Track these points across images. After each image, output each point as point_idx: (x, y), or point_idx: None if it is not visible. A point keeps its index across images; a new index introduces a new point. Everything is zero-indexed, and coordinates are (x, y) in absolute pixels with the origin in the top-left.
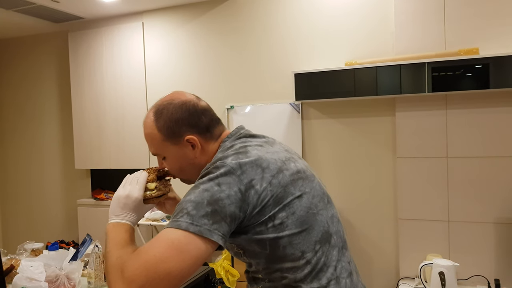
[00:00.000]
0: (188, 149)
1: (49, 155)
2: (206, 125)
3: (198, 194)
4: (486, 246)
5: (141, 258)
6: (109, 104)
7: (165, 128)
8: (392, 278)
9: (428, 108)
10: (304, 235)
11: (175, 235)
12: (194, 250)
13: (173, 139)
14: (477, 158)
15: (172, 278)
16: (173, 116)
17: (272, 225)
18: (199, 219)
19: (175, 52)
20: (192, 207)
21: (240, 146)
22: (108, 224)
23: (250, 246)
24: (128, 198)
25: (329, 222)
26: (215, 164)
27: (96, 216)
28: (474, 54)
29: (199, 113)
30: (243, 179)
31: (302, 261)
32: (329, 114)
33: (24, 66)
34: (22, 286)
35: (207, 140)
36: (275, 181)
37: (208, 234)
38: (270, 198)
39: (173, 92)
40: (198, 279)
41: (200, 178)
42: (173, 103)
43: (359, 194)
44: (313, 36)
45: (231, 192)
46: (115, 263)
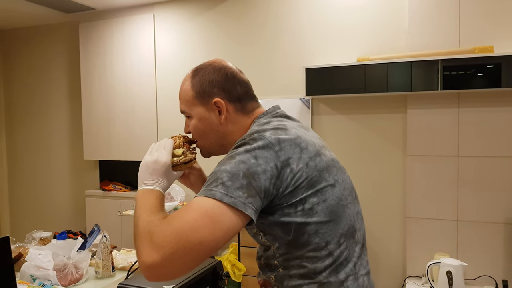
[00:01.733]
0: (214, 113)
1: (58, 146)
2: (239, 95)
3: (234, 165)
4: (494, 246)
5: (173, 225)
6: (119, 96)
7: (198, 86)
8: (399, 276)
9: (440, 106)
10: (331, 226)
11: (208, 204)
12: (227, 222)
13: (203, 99)
14: (488, 158)
15: (203, 247)
16: (208, 76)
17: (301, 208)
18: (234, 191)
19: (186, 45)
20: (227, 178)
21: (279, 123)
22: (138, 191)
23: (272, 230)
24: (157, 163)
25: (355, 218)
26: (252, 136)
27: (104, 208)
28: (488, 52)
29: (235, 81)
30: (281, 156)
31: (324, 252)
32: (339, 110)
33: (34, 56)
34: (30, 274)
35: (237, 111)
36: (312, 164)
37: (242, 207)
38: (304, 180)
39: (217, 58)
40: (205, 271)
41: (235, 148)
42: (213, 65)
43: (367, 191)
44: (326, 31)
45: (267, 167)
46: (144, 228)
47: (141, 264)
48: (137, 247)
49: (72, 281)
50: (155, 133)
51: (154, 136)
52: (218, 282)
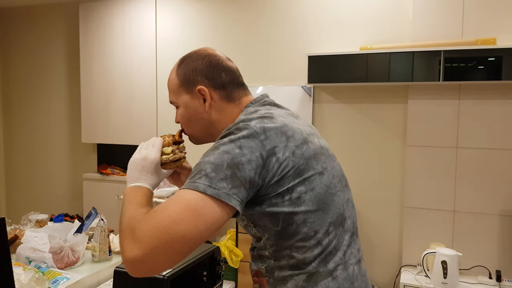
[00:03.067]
0: (199, 101)
1: (56, 128)
2: (224, 83)
3: (218, 156)
4: (489, 237)
5: (155, 219)
6: (118, 79)
7: (182, 74)
8: (395, 265)
9: (441, 97)
10: (319, 214)
11: (191, 196)
12: (211, 214)
13: (187, 87)
14: (487, 150)
15: (186, 241)
16: (192, 64)
17: (289, 198)
18: (218, 182)
19: (187, 29)
20: (211, 169)
21: (266, 112)
22: (126, 188)
23: (261, 221)
24: (146, 160)
25: (344, 206)
26: (237, 125)
27: (101, 191)
28: (491, 44)
29: (220, 68)
30: (266, 145)
31: (313, 241)
32: (341, 99)
33: (32, 36)
34: (26, 256)
35: (222, 99)
36: (298, 152)
37: (227, 199)
38: (291, 168)
39: (204, 46)
40: (203, 257)
41: (220, 138)
42: (198, 53)
43: (366, 180)
44: (329, 19)
45: (252, 157)
46: (126, 224)
47: (124, 260)
48: (120, 243)
49: (69, 264)
50: (155, 118)
51: (154, 121)
52: (215, 267)
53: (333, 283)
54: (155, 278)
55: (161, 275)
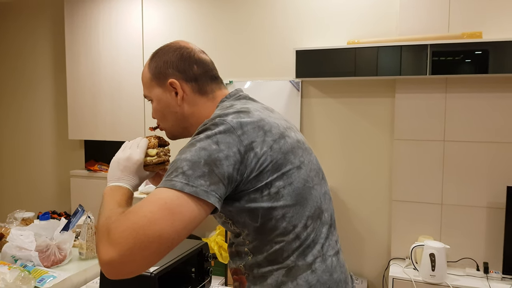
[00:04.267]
0: (171, 94)
1: (42, 125)
2: (196, 76)
3: (194, 153)
4: (477, 229)
5: (130, 219)
6: (105, 74)
7: (154, 67)
8: (383, 258)
9: (428, 91)
10: (298, 209)
11: (167, 195)
12: (188, 212)
13: (159, 80)
14: (473, 143)
15: (163, 241)
16: (164, 57)
17: (267, 193)
18: (195, 180)
19: (174, 24)
20: (188, 167)
21: (242, 106)
22: (106, 187)
23: (240, 217)
24: (129, 160)
25: (322, 199)
26: (214, 120)
27: (89, 188)
28: (477, 38)
29: (192, 61)
30: (244, 140)
31: (292, 235)
32: (329, 93)
33: (17, 32)
34: (11, 255)
35: (194, 92)
36: (276, 146)
37: (205, 196)
38: (269, 163)
39: (178, 40)
40: (191, 253)
41: (196, 134)
42: (170, 45)
43: (354, 174)
44: (317, 14)
45: (230, 152)
46: (102, 224)
47: (100, 262)
48: (96, 244)
49: (55, 262)
50: (142, 113)
51: (141, 116)
52: (204, 263)
53: (312, 276)
54: (142, 276)
55: (149, 272)
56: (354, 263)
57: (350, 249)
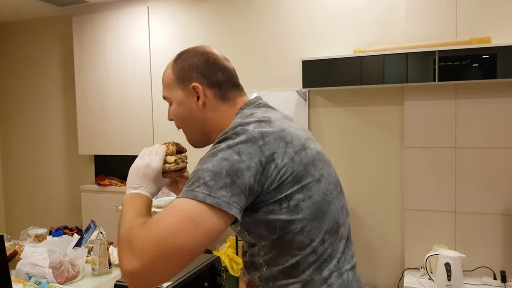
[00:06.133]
0: (193, 99)
1: (53, 141)
2: (219, 82)
3: (216, 163)
4: (492, 237)
5: (152, 231)
6: (113, 90)
7: (178, 70)
8: (397, 268)
9: (438, 97)
10: (316, 223)
11: (189, 206)
12: (209, 224)
13: (182, 83)
14: (486, 149)
15: (185, 253)
16: (189, 60)
17: (286, 205)
18: (217, 191)
19: (181, 37)
20: (209, 177)
21: (263, 115)
22: (125, 195)
23: (257, 229)
24: (148, 168)
25: (339, 213)
26: (235, 130)
27: (100, 202)
28: (485, 43)
29: (217, 67)
30: (265, 151)
31: (308, 249)
32: (336, 103)
33: (27, 50)
34: (25, 272)
35: (216, 98)
36: (297, 158)
37: (227, 207)
38: (289, 175)
39: (202, 44)
40: (203, 268)
41: (218, 143)
42: (196, 49)
43: (365, 184)
44: (322, 23)
45: (251, 163)
46: (124, 234)
47: (122, 272)
48: (118, 254)
49: (69, 279)
50: (151, 127)
51: (150, 130)
52: (216, 277)
53: None
54: None
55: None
56: (367, 273)
57: (363, 260)
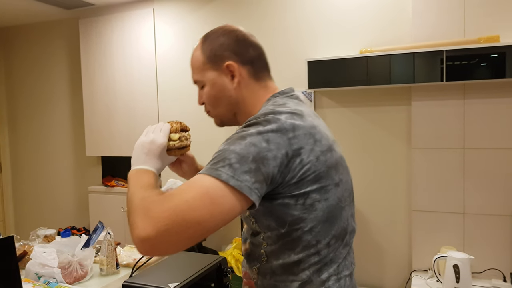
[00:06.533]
0: (227, 78)
1: (60, 142)
2: (252, 58)
3: (244, 147)
4: (501, 239)
5: (171, 201)
6: (120, 91)
7: (209, 50)
8: (405, 270)
9: (445, 97)
10: (326, 226)
11: (211, 184)
12: (228, 205)
13: (214, 63)
14: (494, 149)
15: (199, 228)
16: (219, 39)
17: (302, 202)
18: (241, 174)
19: (186, 39)
20: (235, 160)
21: (295, 108)
22: (131, 170)
23: (266, 219)
24: (153, 143)
25: (349, 220)
26: (267, 117)
27: (107, 203)
28: (494, 42)
29: (247, 43)
30: (293, 144)
31: (313, 250)
32: (342, 103)
33: (34, 53)
34: (35, 272)
35: (250, 76)
36: (322, 158)
37: (248, 192)
38: (311, 173)
39: (227, 23)
40: (210, 268)
41: (247, 126)
42: (224, 28)
43: (372, 185)
44: (328, 23)
45: (278, 153)
46: (139, 203)
47: (135, 237)
48: (131, 221)
49: (77, 279)
50: None
51: None
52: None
53: None
54: None
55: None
56: (374, 275)
57: (370, 261)
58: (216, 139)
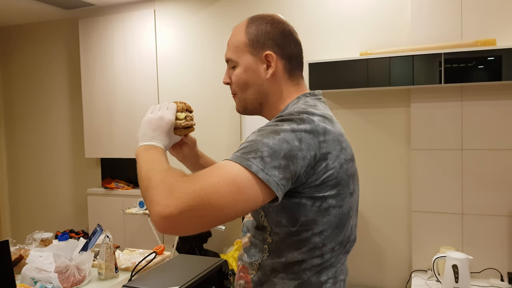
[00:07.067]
0: (262, 67)
1: (59, 144)
2: (291, 54)
3: (278, 142)
4: (499, 239)
5: (197, 183)
6: (120, 92)
7: (253, 34)
8: (405, 270)
9: (444, 99)
10: (335, 231)
11: (239, 173)
12: (252, 196)
13: (255, 49)
14: (492, 151)
15: (222, 213)
16: (266, 27)
17: (318, 205)
18: (271, 169)
19: (187, 40)
20: (267, 153)
21: (325, 112)
22: (139, 146)
23: (278, 215)
24: (161, 120)
25: (353, 229)
26: (301, 115)
27: (106, 206)
28: (491, 45)
29: (291, 39)
30: (322, 148)
31: (318, 252)
32: (343, 105)
33: (34, 53)
34: (31, 276)
35: (285, 71)
36: (345, 166)
37: (275, 187)
38: (333, 179)
39: (274, 13)
40: (211, 271)
41: (280, 121)
42: (273, 17)
43: (372, 186)
44: (328, 26)
45: (307, 154)
46: (162, 180)
47: (156, 214)
48: (150, 198)
49: (75, 283)
50: None
51: None
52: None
53: None
54: None
55: None
56: (375, 275)
57: (371, 262)
58: (216, 136)
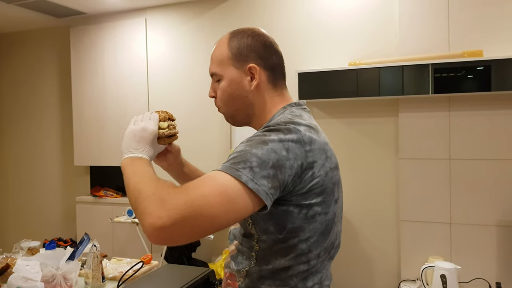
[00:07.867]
0: (246, 79)
1: (48, 151)
2: (274, 65)
3: (266, 152)
4: (488, 249)
5: (189, 194)
6: (110, 101)
7: (235, 48)
8: (393, 280)
9: (432, 109)
10: (321, 238)
11: (229, 183)
12: (242, 205)
13: (238, 62)
14: (480, 161)
15: (213, 223)
16: (248, 40)
17: (305, 213)
18: (260, 179)
19: (178, 50)
20: (256, 164)
21: (311, 122)
22: (124, 159)
23: (265, 223)
24: (145, 131)
25: (337, 235)
26: (288, 125)
27: (95, 214)
28: (478, 56)
29: (272, 50)
30: (309, 157)
31: (304, 258)
32: (332, 114)
33: (25, 61)
34: (17, 286)
35: (269, 82)
36: (330, 175)
37: (264, 196)
38: (319, 187)
39: (254, 27)
40: (198, 281)
41: (268, 131)
42: (253, 30)
43: (361, 195)
44: (318, 36)
45: (294, 164)
46: (152, 193)
47: (149, 226)
48: (142, 210)
49: None
50: None
51: None
52: None
53: None
54: None
55: None
56: (364, 285)
57: (359, 271)
58: (205, 145)
